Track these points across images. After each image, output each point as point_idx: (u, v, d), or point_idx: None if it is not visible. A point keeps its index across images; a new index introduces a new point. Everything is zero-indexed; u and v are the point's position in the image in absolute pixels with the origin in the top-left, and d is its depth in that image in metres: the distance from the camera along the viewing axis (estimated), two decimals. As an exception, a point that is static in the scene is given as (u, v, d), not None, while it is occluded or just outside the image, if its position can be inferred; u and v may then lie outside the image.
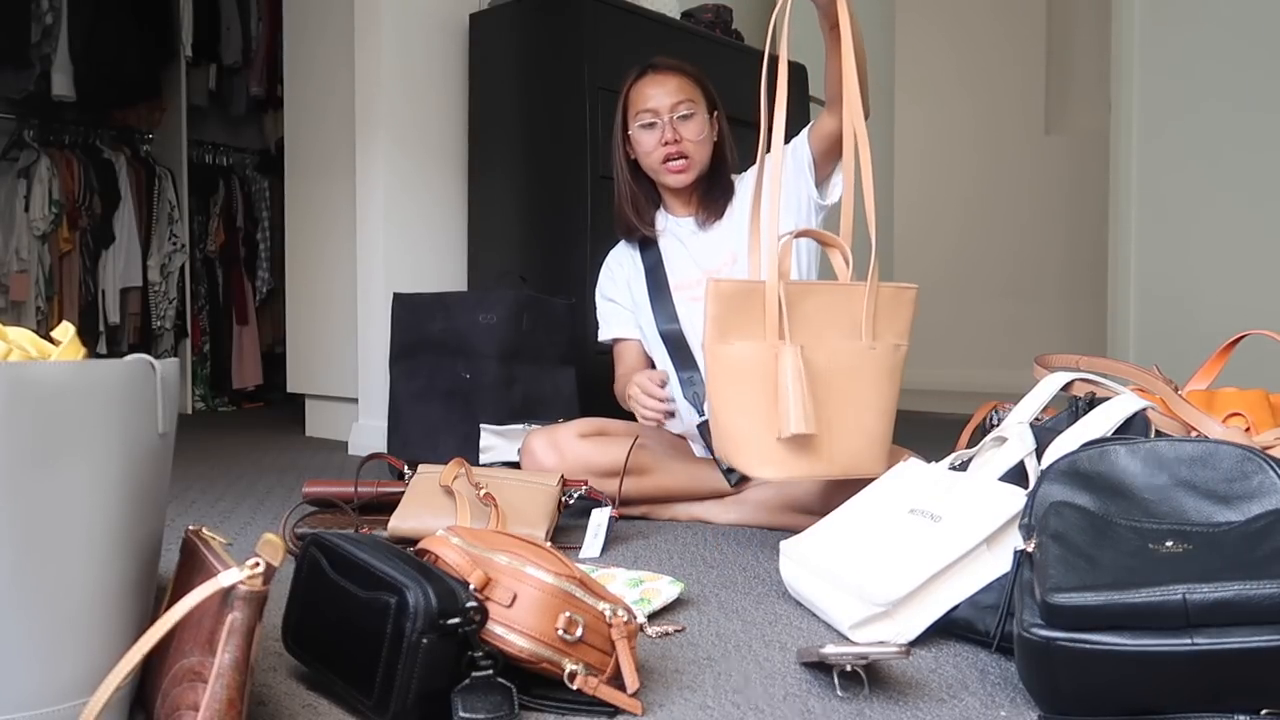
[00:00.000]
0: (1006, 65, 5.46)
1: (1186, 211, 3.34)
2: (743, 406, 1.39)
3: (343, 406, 3.18)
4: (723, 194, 1.93)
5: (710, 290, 1.38)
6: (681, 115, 1.85)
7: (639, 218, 1.95)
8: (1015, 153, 5.43)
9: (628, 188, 1.95)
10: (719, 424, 1.45)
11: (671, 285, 1.94)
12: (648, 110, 1.86)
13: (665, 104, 1.85)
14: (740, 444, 1.41)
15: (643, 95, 1.88)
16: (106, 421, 0.78)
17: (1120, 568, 0.86)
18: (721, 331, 1.38)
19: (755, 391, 1.38)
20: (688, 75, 1.90)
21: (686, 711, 0.92)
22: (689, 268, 1.93)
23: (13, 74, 3.82)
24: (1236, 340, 1.49)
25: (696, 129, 1.86)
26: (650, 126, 1.86)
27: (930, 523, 1.15)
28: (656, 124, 1.85)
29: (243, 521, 1.82)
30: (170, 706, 0.76)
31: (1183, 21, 3.35)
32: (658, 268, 1.95)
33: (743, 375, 1.38)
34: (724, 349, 1.39)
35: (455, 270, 2.98)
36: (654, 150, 1.86)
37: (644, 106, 1.87)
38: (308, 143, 3.28)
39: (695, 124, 1.86)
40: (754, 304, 1.38)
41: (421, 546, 0.97)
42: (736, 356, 1.39)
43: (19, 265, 3.84)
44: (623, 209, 1.96)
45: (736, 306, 1.38)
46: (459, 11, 2.95)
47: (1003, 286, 5.49)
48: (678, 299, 1.92)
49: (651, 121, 1.86)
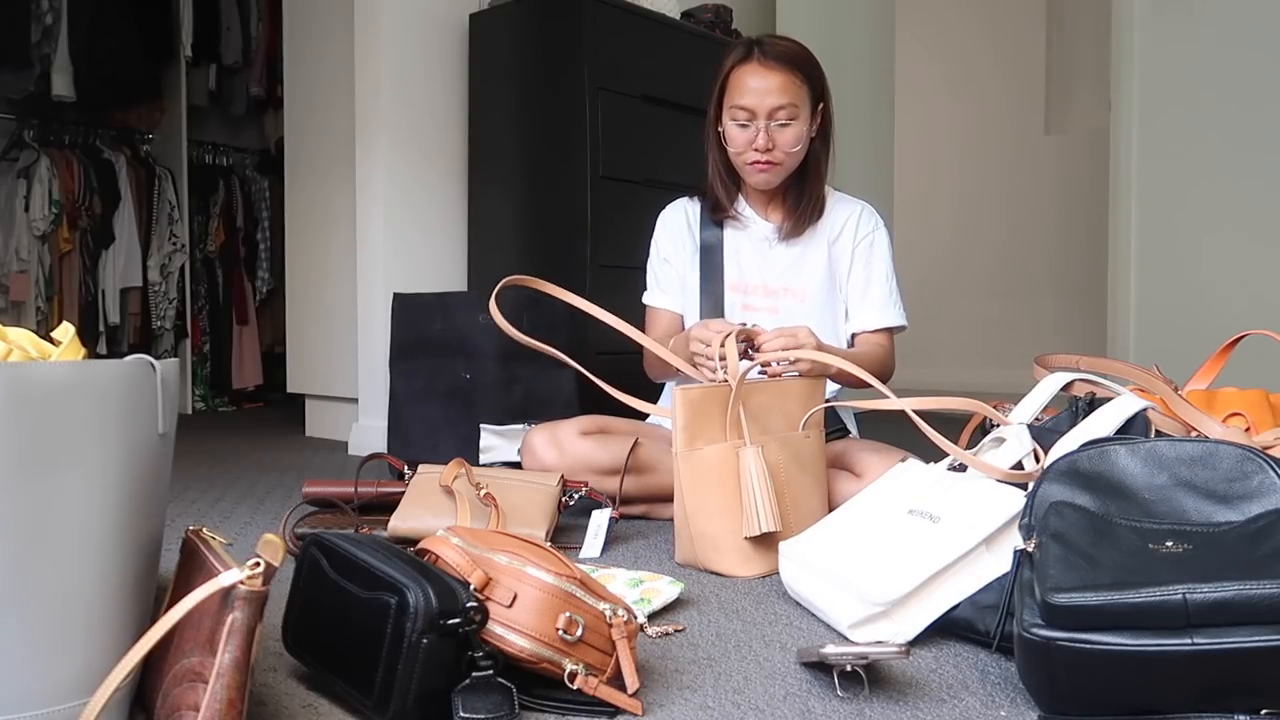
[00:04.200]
0: (1006, 65, 5.45)
1: (1186, 211, 3.34)
2: (719, 510, 1.44)
3: (343, 406, 3.18)
4: (812, 207, 1.85)
5: (679, 398, 1.44)
6: (780, 123, 1.73)
7: (727, 196, 1.87)
8: (1015, 152, 5.42)
9: (717, 167, 1.86)
10: (696, 530, 1.46)
11: (727, 282, 1.88)
12: (744, 109, 1.73)
13: (764, 107, 1.72)
14: (720, 547, 1.44)
15: (742, 87, 1.73)
16: (106, 422, 0.78)
17: (1120, 568, 0.86)
18: (691, 437, 1.45)
19: (730, 493, 1.43)
20: (795, 72, 1.74)
21: (686, 711, 0.92)
22: (753, 273, 1.88)
23: (13, 74, 3.82)
24: (1236, 340, 1.49)
25: (793, 138, 1.75)
26: (744, 126, 1.75)
27: (929, 523, 1.15)
28: (751, 126, 1.74)
29: (243, 521, 1.82)
30: (170, 706, 0.76)
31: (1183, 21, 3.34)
32: (715, 251, 1.88)
33: (716, 478, 1.44)
34: (695, 454, 1.45)
35: (455, 270, 2.98)
36: (744, 151, 1.77)
37: (741, 102, 1.73)
38: (308, 143, 3.28)
39: (792, 133, 1.74)
40: (717, 408, 1.45)
41: (422, 546, 0.97)
42: (708, 460, 1.44)
43: (19, 265, 3.84)
44: (714, 186, 1.87)
45: (703, 412, 1.45)
46: (459, 11, 2.95)
47: (1002, 286, 5.48)
48: (730, 298, 1.87)
49: (746, 122, 1.74)
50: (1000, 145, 5.48)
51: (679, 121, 2.86)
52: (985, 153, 5.54)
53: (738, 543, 1.43)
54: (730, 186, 1.87)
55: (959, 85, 5.63)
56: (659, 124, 2.83)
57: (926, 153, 5.59)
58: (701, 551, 1.46)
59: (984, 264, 5.54)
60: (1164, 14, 3.39)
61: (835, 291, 1.91)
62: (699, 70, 2.96)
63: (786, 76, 1.73)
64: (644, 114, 2.79)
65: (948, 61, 5.66)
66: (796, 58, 1.75)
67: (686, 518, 1.47)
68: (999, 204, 5.51)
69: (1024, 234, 5.41)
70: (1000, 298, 5.49)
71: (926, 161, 5.59)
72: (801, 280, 1.88)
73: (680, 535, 1.49)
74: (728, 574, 1.44)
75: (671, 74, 2.88)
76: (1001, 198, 5.50)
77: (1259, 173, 3.21)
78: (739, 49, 1.78)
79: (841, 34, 3.77)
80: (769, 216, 1.90)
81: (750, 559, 1.43)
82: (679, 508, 1.48)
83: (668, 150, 2.83)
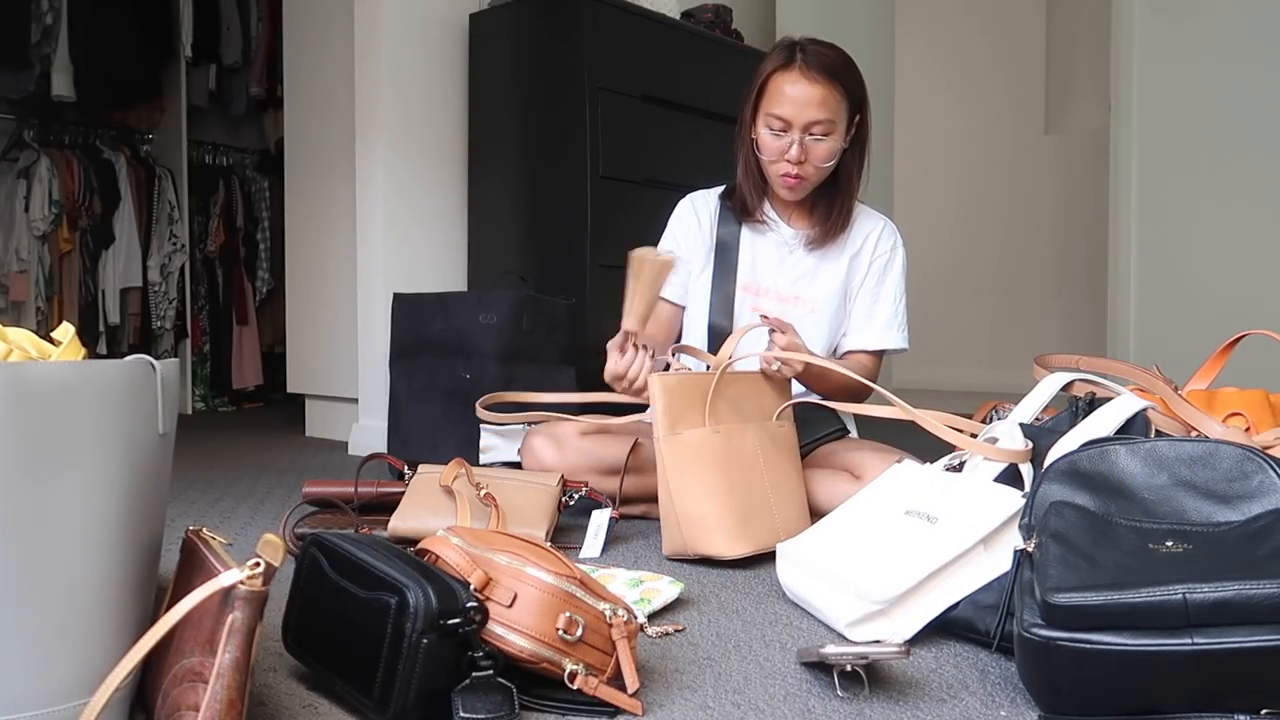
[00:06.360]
0: (1006, 65, 5.45)
1: (1186, 211, 3.34)
2: (704, 490, 1.47)
3: (343, 406, 3.18)
4: (841, 220, 1.84)
5: (656, 385, 1.49)
6: (815, 137, 1.71)
7: (755, 199, 1.85)
8: (1015, 152, 5.43)
9: (748, 169, 1.83)
10: (683, 515, 1.48)
11: (740, 281, 1.87)
12: (780, 118, 1.70)
13: (802, 119, 1.69)
14: (708, 528, 1.46)
15: (780, 96, 1.70)
16: (106, 422, 0.78)
17: (1120, 568, 0.86)
18: (672, 422, 1.49)
19: (713, 473, 1.47)
20: (836, 85, 1.70)
21: (686, 711, 0.92)
22: (767, 276, 1.88)
23: (13, 74, 3.82)
24: (1236, 340, 1.49)
25: (826, 153, 1.73)
26: (779, 135, 1.72)
27: (926, 523, 1.15)
28: (785, 136, 1.72)
29: (243, 521, 1.82)
30: (170, 707, 0.76)
31: (1183, 21, 3.35)
32: (731, 248, 1.87)
33: (698, 460, 1.48)
34: (677, 438, 1.48)
35: (455, 270, 2.98)
36: (775, 160, 1.75)
37: (778, 111, 1.70)
38: (308, 143, 3.28)
39: (826, 148, 1.73)
40: (696, 395, 1.51)
41: (422, 546, 0.97)
42: (689, 443, 1.48)
43: (19, 265, 3.84)
44: (742, 187, 1.85)
45: (681, 398, 1.50)
46: (459, 11, 2.95)
47: (1002, 286, 5.48)
48: (740, 297, 1.87)
49: (781, 132, 1.72)
50: (1000, 145, 5.48)
51: (679, 121, 2.86)
52: (985, 153, 5.54)
53: (724, 519, 1.45)
54: (759, 190, 1.85)
55: (959, 85, 5.63)
56: (659, 124, 2.83)
57: (927, 153, 5.59)
58: (689, 534, 1.47)
59: (984, 264, 5.54)
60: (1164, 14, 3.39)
61: (845, 306, 1.91)
62: (699, 70, 2.97)
63: (827, 90, 1.69)
64: (644, 114, 2.79)
65: (948, 61, 5.66)
66: (838, 69, 1.71)
67: (672, 500, 1.48)
68: (999, 204, 5.51)
69: (1024, 234, 5.41)
70: (1000, 298, 5.49)
71: (927, 161, 5.59)
72: (814, 291, 1.88)
73: (667, 522, 1.50)
74: (717, 554, 1.45)
75: (671, 74, 2.88)
76: (1001, 198, 5.50)
77: (1259, 172, 3.21)
78: (780, 52, 1.74)
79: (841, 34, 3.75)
80: (792, 222, 1.89)
81: (738, 536, 1.45)
82: (664, 492, 1.49)
83: (668, 150, 2.84)
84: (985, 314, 5.52)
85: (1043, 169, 5.33)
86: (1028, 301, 5.38)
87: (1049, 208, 5.32)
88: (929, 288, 5.23)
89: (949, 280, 5.55)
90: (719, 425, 1.49)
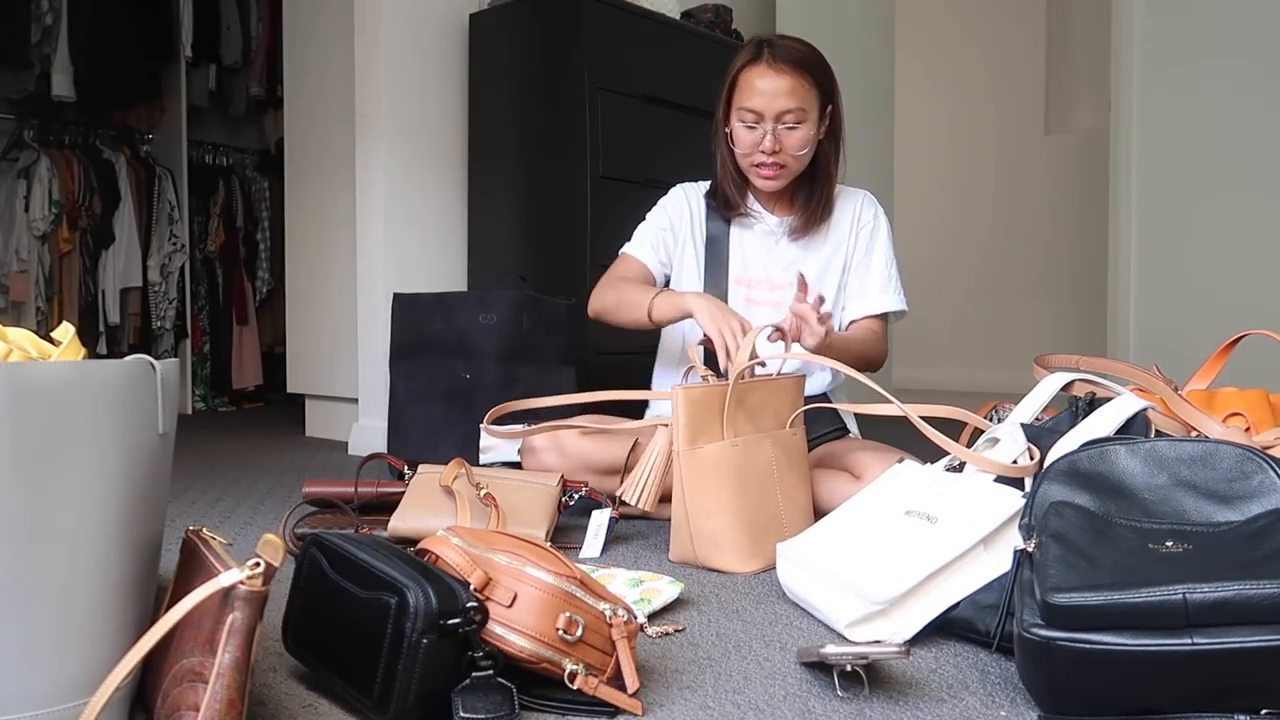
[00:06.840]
0: (1006, 65, 5.45)
1: (1186, 211, 3.34)
2: (719, 507, 1.45)
3: (343, 406, 3.18)
4: (822, 207, 1.86)
5: (680, 398, 1.45)
6: (787, 126, 1.74)
7: (737, 194, 1.87)
8: (1015, 152, 5.43)
9: (725, 167, 1.86)
10: (696, 530, 1.47)
11: (731, 275, 1.88)
12: (752, 110, 1.74)
13: (772, 109, 1.73)
14: (720, 545, 1.45)
15: (750, 89, 1.74)
16: (106, 422, 0.78)
17: (1120, 568, 0.86)
18: (693, 436, 1.46)
19: (728, 491, 1.45)
20: (804, 75, 1.74)
21: (686, 711, 0.92)
22: (757, 267, 1.89)
23: (13, 74, 3.82)
24: (1236, 340, 1.49)
25: (800, 141, 1.76)
26: (751, 128, 1.75)
27: (926, 524, 1.15)
28: (758, 128, 1.75)
29: (243, 521, 1.82)
30: (170, 707, 0.76)
31: (1183, 21, 3.34)
32: (720, 244, 1.88)
33: (716, 476, 1.46)
34: (696, 453, 1.46)
35: (455, 270, 2.98)
36: (750, 153, 1.78)
37: (749, 104, 1.74)
38: (308, 143, 3.28)
39: (799, 136, 1.75)
40: (718, 406, 1.48)
41: (422, 546, 0.97)
42: (708, 458, 1.46)
43: (19, 265, 3.84)
44: (724, 184, 1.87)
45: (705, 410, 1.47)
46: (459, 11, 2.95)
47: (1001, 286, 5.48)
48: (734, 292, 1.88)
49: (754, 124, 1.75)
50: (1000, 145, 5.48)
51: (679, 121, 2.86)
52: (985, 153, 5.54)
53: (737, 539, 1.44)
54: (739, 185, 1.88)
55: (959, 85, 5.63)
56: (659, 124, 2.83)
57: (926, 153, 5.59)
58: (701, 549, 1.46)
59: (984, 263, 5.55)
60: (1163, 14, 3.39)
61: (840, 285, 1.93)
62: (699, 70, 2.97)
63: (795, 79, 1.73)
64: (644, 114, 2.79)
65: (947, 62, 5.66)
66: (806, 60, 1.75)
67: (687, 515, 1.47)
68: (999, 204, 5.51)
69: (1024, 234, 5.41)
70: (1000, 297, 5.49)
71: (926, 161, 5.59)
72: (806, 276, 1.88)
73: (678, 533, 1.49)
74: (727, 570, 1.44)
75: (671, 74, 2.88)
76: (1001, 198, 5.50)
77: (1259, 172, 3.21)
78: (749, 49, 1.78)
79: (841, 34, 3.77)
80: (776, 212, 1.91)
81: (749, 555, 1.44)
82: (678, 505, 1.48)
83: (668, 150, 2.83)
84: (985, 314, 5.52)
85: (1042, 169, 5.33)
86: (1027, 301, 5.38)
87: (1049, 208, 5.32)
88: (929, 287, 5.23)
89: (948, 280, 5.55)
90: (736, 438, 1.47)
